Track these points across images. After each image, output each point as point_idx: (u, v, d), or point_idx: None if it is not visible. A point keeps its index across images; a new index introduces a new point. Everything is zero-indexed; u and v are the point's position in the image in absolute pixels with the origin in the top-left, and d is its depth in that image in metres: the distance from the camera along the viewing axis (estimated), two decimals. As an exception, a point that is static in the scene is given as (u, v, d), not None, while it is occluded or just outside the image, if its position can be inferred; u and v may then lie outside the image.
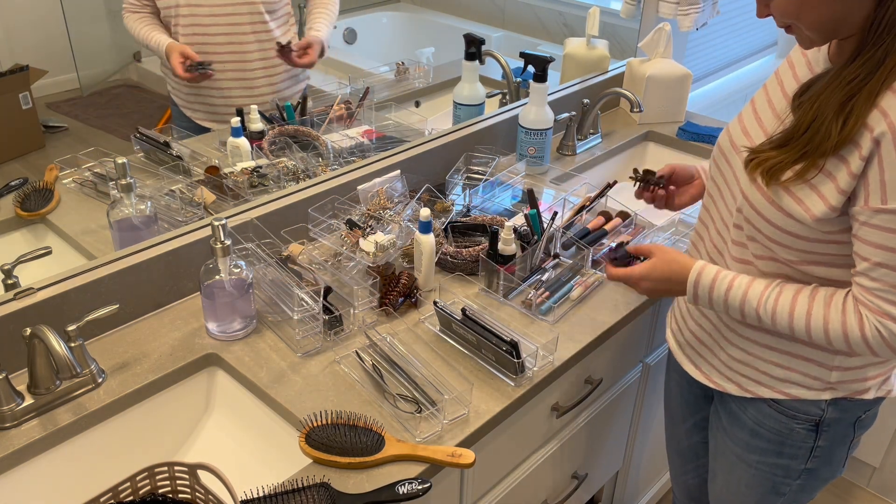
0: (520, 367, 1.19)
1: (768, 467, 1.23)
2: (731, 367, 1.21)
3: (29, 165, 1.44)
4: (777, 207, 1.02)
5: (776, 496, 1.26)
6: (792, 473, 1.22)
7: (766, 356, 1.16)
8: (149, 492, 0.96)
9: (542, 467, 1.41)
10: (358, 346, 1.25)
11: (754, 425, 1.21)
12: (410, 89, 1.99)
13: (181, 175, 1.50)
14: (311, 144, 1.67)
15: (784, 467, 1.22)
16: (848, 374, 1.13)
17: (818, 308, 1.03)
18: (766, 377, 1.17)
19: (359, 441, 1.05)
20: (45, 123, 1.48)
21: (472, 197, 1.64)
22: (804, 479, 1.23)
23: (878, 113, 0.92)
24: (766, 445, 1.21)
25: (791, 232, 1.03)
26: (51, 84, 1.47)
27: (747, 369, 1.19)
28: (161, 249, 1.30)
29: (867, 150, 0.93)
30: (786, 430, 1.18)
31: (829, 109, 0.96)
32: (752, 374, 1.19)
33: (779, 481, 1.24)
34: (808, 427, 1.17)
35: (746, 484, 1.27)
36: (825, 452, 1.20)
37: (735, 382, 1.21)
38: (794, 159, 0.99)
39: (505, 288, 1.39)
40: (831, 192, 0.97)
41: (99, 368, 1.18)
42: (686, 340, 1.29)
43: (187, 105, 1.71)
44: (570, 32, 2.34)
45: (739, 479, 1.28)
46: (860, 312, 1.00)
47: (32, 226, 1.39)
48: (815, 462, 1.21)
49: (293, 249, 1.39)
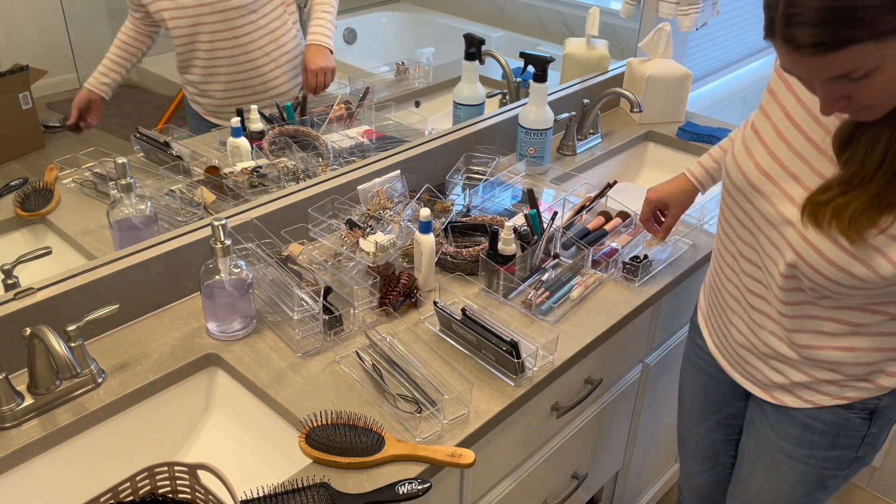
0: (520, 367, 1.19)
1: (820, 461, 1.20)
2: (801, 384, 1.15)
3: (29, 165, 1.44)
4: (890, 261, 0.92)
5: (822, 491, 1.23)
6: (842, 464, 1.20)
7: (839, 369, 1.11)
8: (149, 492, 0.96)
9: (542, 467, 1.41)
10: (358, 346, 1.25)
11: (808, 419, 1.17)
12: (410, 89, 1.99)
13: (181, 175, 1.50)
14: (311, 144, 1.67)
15: (836, 459, 1.19)
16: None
17: None
18: (829, 385, 1.13)
19: (359, 441, 1.05)
20: (45, 123, 1.48)
21: (472, 197, 1.64)
22: (852, 468, 1.21)
23: None
24: (820, 439, 1.18)
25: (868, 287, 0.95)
26: (51, 84, 1.47)
27: (812, 381, 1.14)
28: (161, 249, 1.30)
29: None
30: (842, 422, 1.15)
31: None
32: (816, 387, 1.14)
33: (828, 474, 1.21)
34: (864, 415, 1.15)
35: (792, 481, 1.23)
36: (874, 438, 1.18)
37: (794, 395, 1.17)
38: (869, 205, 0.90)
39: (505, 288, 1.39)
40: None
41: (99, 368, 1.18)
42: (736, 353, 1.23)
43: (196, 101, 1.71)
44: (570, 32, 2.34)
45: (784, 477, 1.24)
46: None
47: (32, 226, 1.39)
48: (865, 449, 1.19)
49: (293, 249, 1.39)
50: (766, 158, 1.06)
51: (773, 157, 1.05)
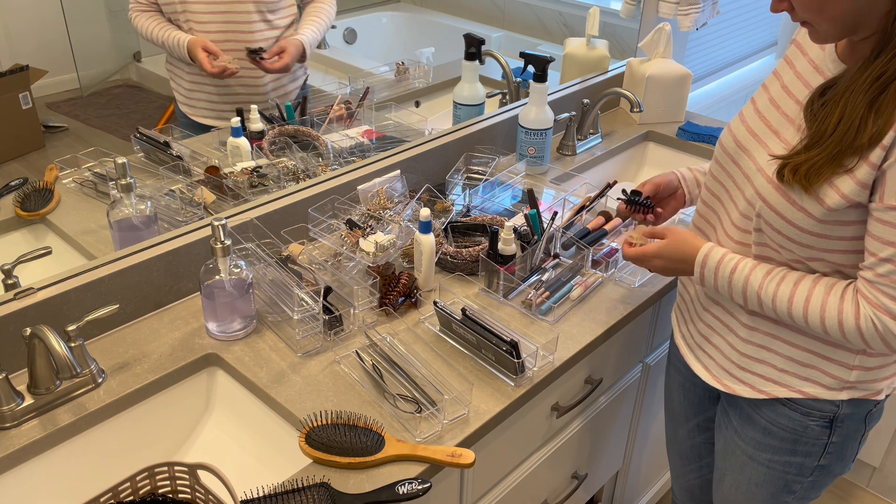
0: (520, 367, 1.19)
1: (781, 465, 1.23)
2: (743, 367, 1.20)
3: (29, 165, 1.44)
4: (798, 207, 1.02)
5: (788, 494, 1.26)
6: (805, 471, 1.22)
7: (784, 352, 1.15)
8: (149, 492, 0.96)
9: (542, 467, 1.41)
10: (358, 346, 1.25)
11: (768, 424, 1.21)
12: (410, 89, 1.99)
13: (181, 175, 1.50)
14: (311, 144, 1.67)
15: (797, 465, 1.22)
16: (867, 375, 1.13)
17: (819, 294, 1.04)
18: (784, 376, 1.16)
19: (359, 441, 1.05)
20: (45, 123, 1.48)
21: (472, 197, 1.64)
22: (816, 475, 1.23)
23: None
24: (780, 444, 1.21)
25: (806, 229, 1.03)
26: (51, 84, 1.47)
27: (762, 367, 1.18)
28: (161, 249, 1.30)
29: (889, 141, 0.94)
30: (800, 428, 1.18)
31: (859, 108, 0.95)
32: (766, 373, 1.18)
33: (791, 479, 1.24)
34: (822, 424, 1.17)
35: (757, 483, 1.27)
36: (838, 448, 1.20)
37: (747, 384, 1.20)
38: (827, 159, 0.98)
39: (505, 288, 1.39)
40: (847, 184, 0.98)
41: (99, 368, 1.18)
42: (696, 342, 1.28)
43: (187, 103, 1.71)
44: (570, 32, 2.34)
45: (750, 479, 1.27)
46: (858, 303, 1.01)
47: (32, 226, 1.39)
48: (829, 458, 1.21)
49: (293, 249, 1.39)
50: (755, 120, 1.13)
51: (762, 119, 1.12)
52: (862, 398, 1.15)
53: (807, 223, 1.03)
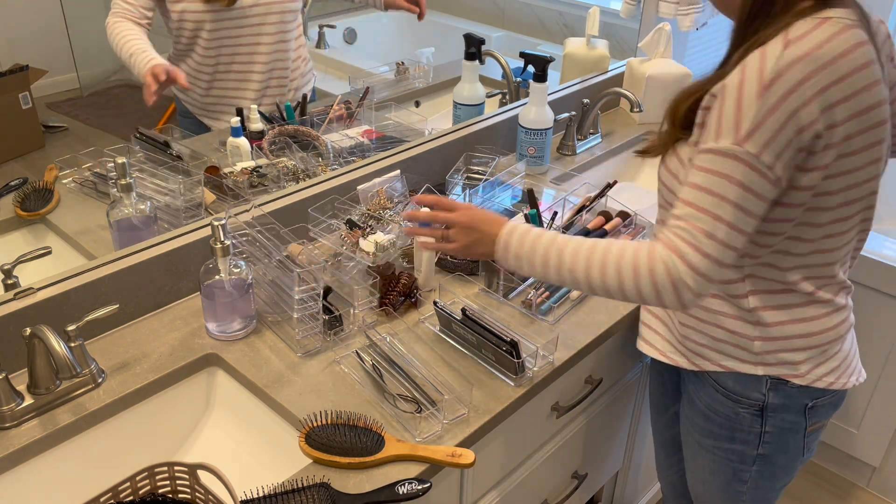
0: (520, 367, 1.19)
1: (724, 452, 1.26)
2: (682, 335, 1.23)
3: (29, 165, 1.44)
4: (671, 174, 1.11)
5: (739, 483, 1.28)
6: (747, 459, 1.24)
7: (693, 325, 1.19)
8: (149, 492, 0.96)
9: (542, 467, 1.41)
10: (358, 346, 1.25)
11: (706, 410, 1.24)
12: (410, 89, 1.99)
13: (181, 175, 1.50)
14: (311, 144, 1.67)
15: (738, 453, 1.24)
16: (772, 345, 1.13)
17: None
18: (704, 349, 1.20)
19: (359, 441, 1.05)
20: (45, 123, 1.48)
21: (472, 197, 1.64)
22: (760, 465, 1.24)
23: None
24: (719, 430, 1.24)
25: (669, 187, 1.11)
26: (51, 84, 1.47)
27: (690, 343, 1.21)
28: (161, 249, 1.30)
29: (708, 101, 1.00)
30: (733, 415, 1.21)
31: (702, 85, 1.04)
32: (694, 348, 1.21)
33: (737, 467, 1.26)
34: (752, 412, 1.19)
35: (710, 471, 1.30)
36: (775, 439, 1.21)
37: (684, 356, 1.24)
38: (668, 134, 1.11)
39: (505, 288, 1.39)
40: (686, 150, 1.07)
41: (99, 368, 1.18)
42: (646, 321, 1.32)
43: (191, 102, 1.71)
44: (570, 32, 2.34)
45: (703, 467, 1.31)
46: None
47: (32, 226, 1.39)
48: (767, 448, 1.22)
49: (293, 249, 1.39)
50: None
51: None
52: (783, 378, 1.15)
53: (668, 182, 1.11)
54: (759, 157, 0.93)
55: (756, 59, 0.93)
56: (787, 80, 0.91)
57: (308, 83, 1.77)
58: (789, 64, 0.92)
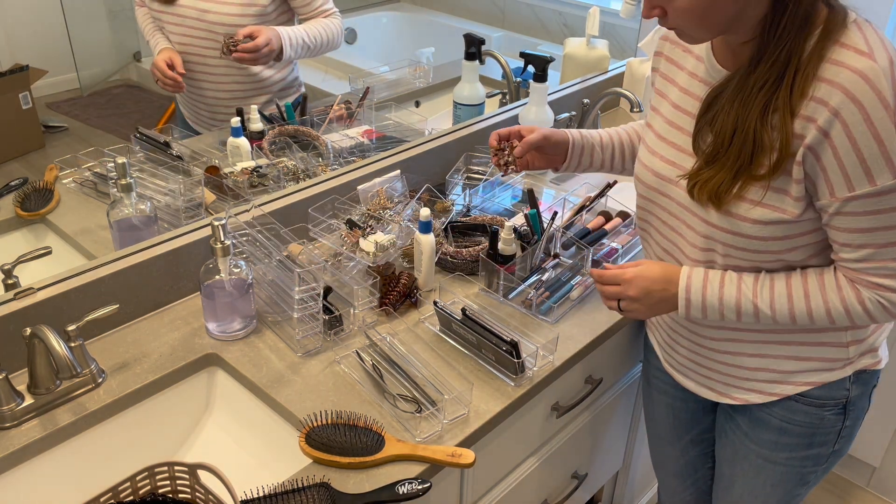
0: (520, 366, 1.19)
1: (799, 461, 1.22)
2: (747, 377, 1.19)
3: (29, 165, 1.44)
4: (753, 221, 1.01)
5: (802, 486, 1.26)
6: (821, 461, 1.23)
7: (779, 353, 1.15)
8: (149, 492, 0.96)
9: (542, 467, 1.41)
10: (358, 346, 1.25)
11: (782, 423, 1.20)
12: (410, 89, 1.99)
13: (181, 175, 1.50)
14: (311, 144, 1.67)
15: (814, 457, 1.22)
16: (864, 346, 1.15)
17: (814, 290, 1.04)
18: (786, 375, 1.16)
19: (359, 441, 1.05)
20: (45, 123, 1.49)
21: (472, 197, 1.64)
22: (830, 461, 1.24)
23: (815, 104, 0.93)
24: (797, 440, 1.20)
25: (776, 236, 1.02)
26: (51, 84, 1.47)
27: (764, 374, 1.17)
28: (161, 249, 1.30)
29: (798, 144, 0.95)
30: (817, 421, 1.18)
31: (751, 119, 0.97)
32: (770, 377, 1.17)
33: (807, 472, 1.24)
34: (836, 411, 1.17)
35: (773, 483, 1.25)
36: (849, 431, 1.21)
37: (756, 391, 1.20)
38: (731, 176, 1.00)
39: (505, 288, 1.39)
40: (791, 204, 0.99)
41: (99, 368, 1.18)
42: (687, 367, 1.27)
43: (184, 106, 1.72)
44: (570, 32, 2.34)
45: (766, 481, 1.26)
46: (856, 289, 1.02)
47: (32, 226, 1.39)
48: (841, 442, 1.22)
49: (293, 249, 1.39)
50: (662, 146, 1.13)
51: (668, 143, 1.12)
52: (865, 369, 1.16)
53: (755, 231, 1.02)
54: None
55: (861, 85, 0.90)
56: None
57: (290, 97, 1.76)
58: (892, 76, 0.90)
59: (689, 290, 1.10)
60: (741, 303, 1.07)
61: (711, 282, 1.09)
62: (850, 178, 0.94)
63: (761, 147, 0.97)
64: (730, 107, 0.99)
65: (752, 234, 1.03)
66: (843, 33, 0.93)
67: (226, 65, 1.60)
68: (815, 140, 0.93)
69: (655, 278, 1.13)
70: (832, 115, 0.91)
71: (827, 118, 0.92)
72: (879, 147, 0.91)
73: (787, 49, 0.94)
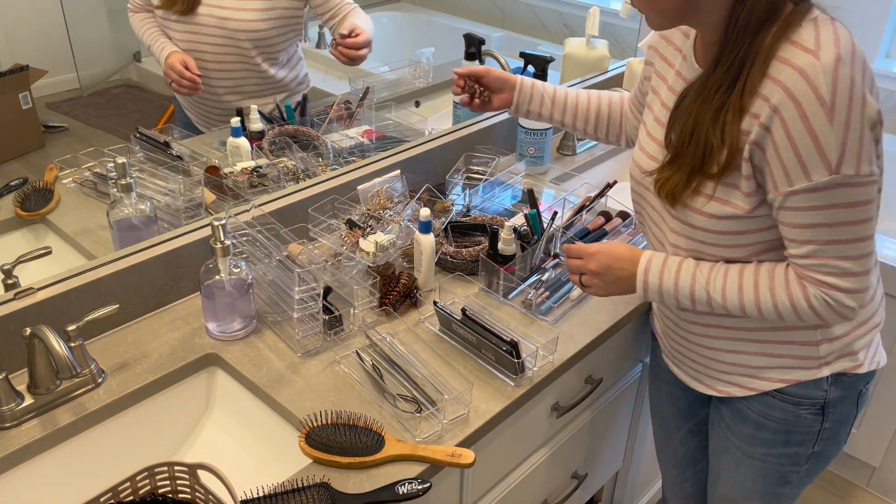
0: (520, 367, 1.19)
1: (776, 458, 1.23)
2: (728, 371, 1.21)
3: (29, 165, 1.44)
4: (708, 216, 1.04)
5: (784, 485, 1.26)
6: (800, 460, 1.23)
7: (752, 349, 1.17)
8: (149, 492, 0.96)
9: (542, 467, 1.41)
10: (358, 346, 1.25)
11: (759, 418, 1.21)
12: (410, 89, 1.99)
13: (181, 175, 1.50)
14: (311, 144, 1.67)
15: (791, 455, 1.22)
16: (836, 344, 1.14)
17: (764, 282, 1.05)
18: (763, 370, 1.18)
19: (359, 441, 1.05)
20: (45, 123, 1.49)
21: (472, 197, 1.64)
22: (811, 463, 1.24)
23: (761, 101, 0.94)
24: (773, 437, 1.21)
25: (733, 231, 1.05)
26: (51, 84, 1.47)
27: (741, 368, 1.19)
28: (161, 249, 1.30)
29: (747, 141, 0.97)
30: (792, 419, 1.19)
31: (706, 121, 0.99)
32: (746, 372, 1.19)
33: (786, 470, 1.24)
34: (814, 411, 1.18)
35: (753, 479, 1.27)
36: (831, 434, 1.20)
37: (736, 384, 1.22)
38: (686, 177, 1.03)
39: (505, 288, 1.39)
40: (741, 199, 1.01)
41: (99, 368, 1.18)
42: (678, 355, 1.29)
43: (188, 106, 1.72)
44: (570, 32, 2.34)
45: (745, 475, 1.28)
46: (804, 286, 1.02)
47: (32, 226, 1.39)
48: (822, 445, 1.21)
49: (293, 249, 1.39)
50: (650, 144, 1.15)
51: (655, 140, 1.14)
52: (844, 372, 1.16)
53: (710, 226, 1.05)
54: (858, 174, 0.93)
55: (799, 82, 0.91)
56: (843, 90, 0.90)
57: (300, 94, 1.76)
58: (834, 73, 0.90)
59: (647, 272, 1.13)
60: (695, 290, 1.09)
61: (669, 267, 1.11)
62: (789, 174, 0.95)
63: (712, 149, 1.00)
64: (691, 108, 1.02)
65: (707, 228, 1.05)
66: (796, 31, 0.94)
67: (244, 68, 1.63)
68: (758, 136, 0.96)
69: (618, 256, 1.15)
70: (772, 112, 0.94)
71: (768, 115, 0.94)
72: (814, 143, 0.92)
73: (744, 50, 0.96)
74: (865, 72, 0.93)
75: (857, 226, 0.97)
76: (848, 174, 0.93)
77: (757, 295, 1.05)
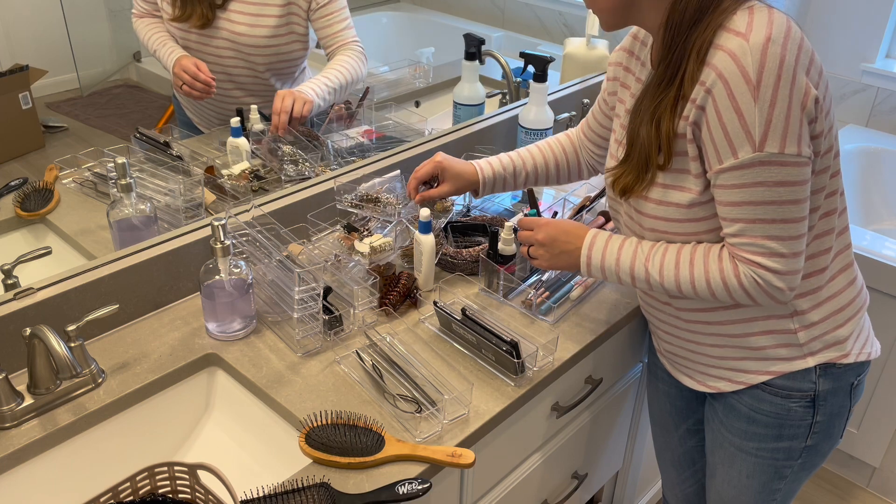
0: (520, 367, 1.19)
1: (769, 452, 1.23)
2: (715, 366, 1.22)
3: (29, 165, 1.44)
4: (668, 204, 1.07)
5: (779, 480, 1.26)
6: (793, 454, 1.23)
7: (733, 343, 1.18)
8: (149, 492, 0.96)
9: (542, 467, 1.41)
10: (358, 346, 1.25)
11: (750, 412, 1.22)
12: (410, 89, 1.99)
13: (181, 175, 1.50)
14: (312, 144, 1.67)
15: (785, 449, 1.22)
16: (815, 331, 1.14)
17: (699, 259, 1.07)
18: (745, 362, 1.18)
19: (359, 441, 1.05)
20: (45, 123, 1.49)
21: (471, 197, 1.64)
22: (805, 457, 1.23)
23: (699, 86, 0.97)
24: (765, 431, 1.22)
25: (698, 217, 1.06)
26: (51, 84, 1.47)
27: (727, 362, 1.20)
28: (161, 249, 1.30)
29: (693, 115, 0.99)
30: (783, 412, 1.19)
31: (645, 119, 1.04)
32: (732, 365, 1.20)
33: (781, 465, 1.24)
34: (804, 404, 1.18)
35: (748, 474, 1.27)
36: (824, 427, 1.20)
37: (725, 379, 1.22)
38: (637, 172, 1.07)
39: (505, 288, 1.39)
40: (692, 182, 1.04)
41: (99, 368, 1.18)
42: (669, 353, 1.30)
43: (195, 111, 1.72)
44: (570, 32, 2.34)
45: (740, 471, 1.28)
46: (735, 263, 1.04)
47: (32, 226, 1.39)
48: (815, 438, 1.21)
49: (293, 249, 1.39)
50: (618, 149, 1.18)
51: (620, 144, 1.17)
52: (832, 363, 1.15)
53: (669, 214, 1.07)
54: (783, 153, 0.95)
55: (728, 62, 0.94)
56: (770, 68, 0.92)
57: None
58: (762, 52, 0.92)
59: (591, 247, 1.16)
60: (635, 267, 1.12)
61: (612, 244, 1.14)
62: (719, 151, 0.98)
63: (653, 140, 1.04)
64: (638, 109, 1.07)
65: (670, 217, 1.08)
66: (730, 18, 0.97)
67: (252, 82, 1.65)
68: (696, 116, 0.99)
69: (565, 230, 1.19)
70: (706, 93, 0.97)
71: (702, 96, 0.97)
72: (740, 120, 0.94)
73: (682, 44, 0.99)
74: (801, 53, 0.94)
75: (783, 206, 0.98)
76: (772, 152, 0.94)
77: (692, 271, 1.07)
